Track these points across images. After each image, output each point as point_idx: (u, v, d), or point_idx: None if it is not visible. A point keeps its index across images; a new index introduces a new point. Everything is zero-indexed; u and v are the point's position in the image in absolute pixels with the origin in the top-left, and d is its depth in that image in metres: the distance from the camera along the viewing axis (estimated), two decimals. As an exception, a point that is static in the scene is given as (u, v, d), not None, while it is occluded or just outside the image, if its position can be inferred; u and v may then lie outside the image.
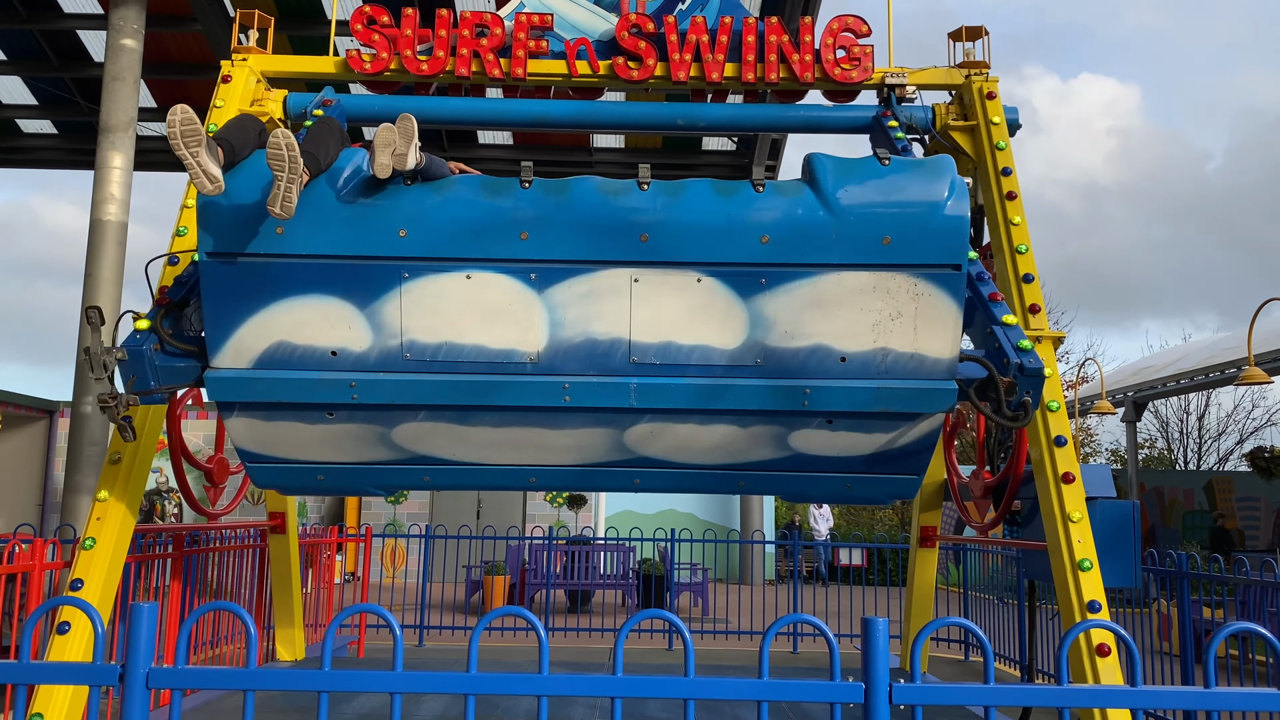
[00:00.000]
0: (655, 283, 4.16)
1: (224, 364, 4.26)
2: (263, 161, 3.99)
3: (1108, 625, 2.63)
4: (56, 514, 12.10)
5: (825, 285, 4.15)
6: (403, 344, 4.22)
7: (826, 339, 4.21)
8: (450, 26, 6.71)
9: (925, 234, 4.09)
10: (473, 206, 4.14)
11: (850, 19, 6.73)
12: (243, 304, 4.16)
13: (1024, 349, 4.38)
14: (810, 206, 4.13)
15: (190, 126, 3.78)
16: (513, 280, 4.15)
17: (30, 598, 5.63)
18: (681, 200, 4.16)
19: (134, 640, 2.32)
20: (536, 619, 2.40)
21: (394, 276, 4.13)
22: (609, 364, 4.24)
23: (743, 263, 4.14)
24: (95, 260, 9.92)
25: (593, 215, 4.13)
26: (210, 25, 12.03)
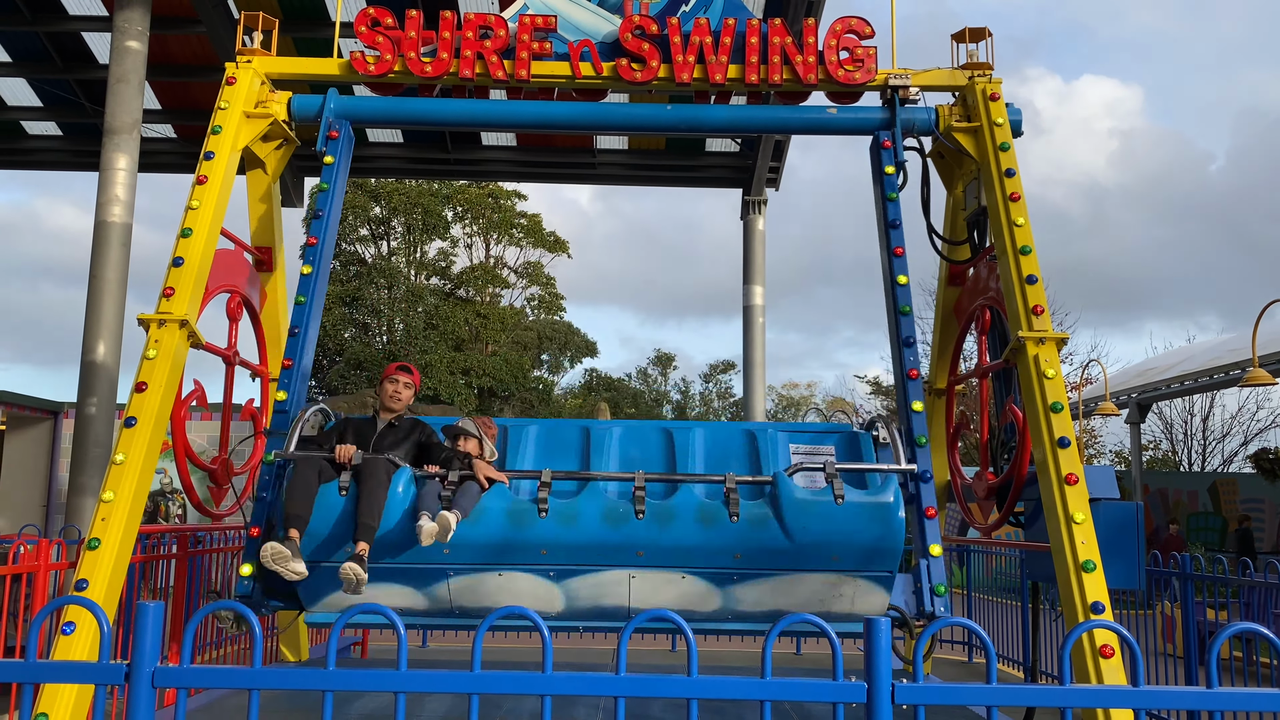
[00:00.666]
0: (649, 578, 5.42)
1: (317, 611, 5.66)
2: (331, 501, 5.24)
3: (1111, 626, 2.63)
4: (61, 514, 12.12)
5: (783, 580, 5.41)
6: (453, 606, 5.60)
7: (782, 605, 5.45)
8: (454, 28, 6.73)
9: (866, 556, 5.30)
10: (501, 536, 5.30)
11: (854, 20, 6.73)
12: (325, 588, 5.40)
13: (939, 594, 5.55)
14: (775, 536, 5.27)
15: (280, 555, 5.02)
16: (536, 576, 5.43)
17: (35, 598, 5.64)
18: (670, 529, 5.29)
19: (139, 639, 2.33)
20: (540, 619, 2.40)
21: (442, 575, 5.46)
22: (614, 615, 5.55)
23: (719, 568, 5.38)
24: (100, 262, 9.94)
25: (598, 540, 5.29)
26: (214, 27, 12.05)
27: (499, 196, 36.22)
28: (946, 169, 7.15)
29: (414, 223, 34.99)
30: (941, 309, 7.66)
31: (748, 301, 15.95)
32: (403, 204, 34.26)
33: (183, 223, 6.05)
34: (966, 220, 7.15)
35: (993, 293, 6.56)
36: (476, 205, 35.88)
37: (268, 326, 7.25)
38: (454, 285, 36.26)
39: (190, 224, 6.03)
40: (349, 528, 5.20)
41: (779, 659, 10.30)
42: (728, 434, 6.11)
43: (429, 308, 33.70)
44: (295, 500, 5.20)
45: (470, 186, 35.31)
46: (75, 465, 9.76)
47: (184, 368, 5.90)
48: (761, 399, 15.86)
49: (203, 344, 6.06)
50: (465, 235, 37.12)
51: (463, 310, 34.37)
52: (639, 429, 6.21)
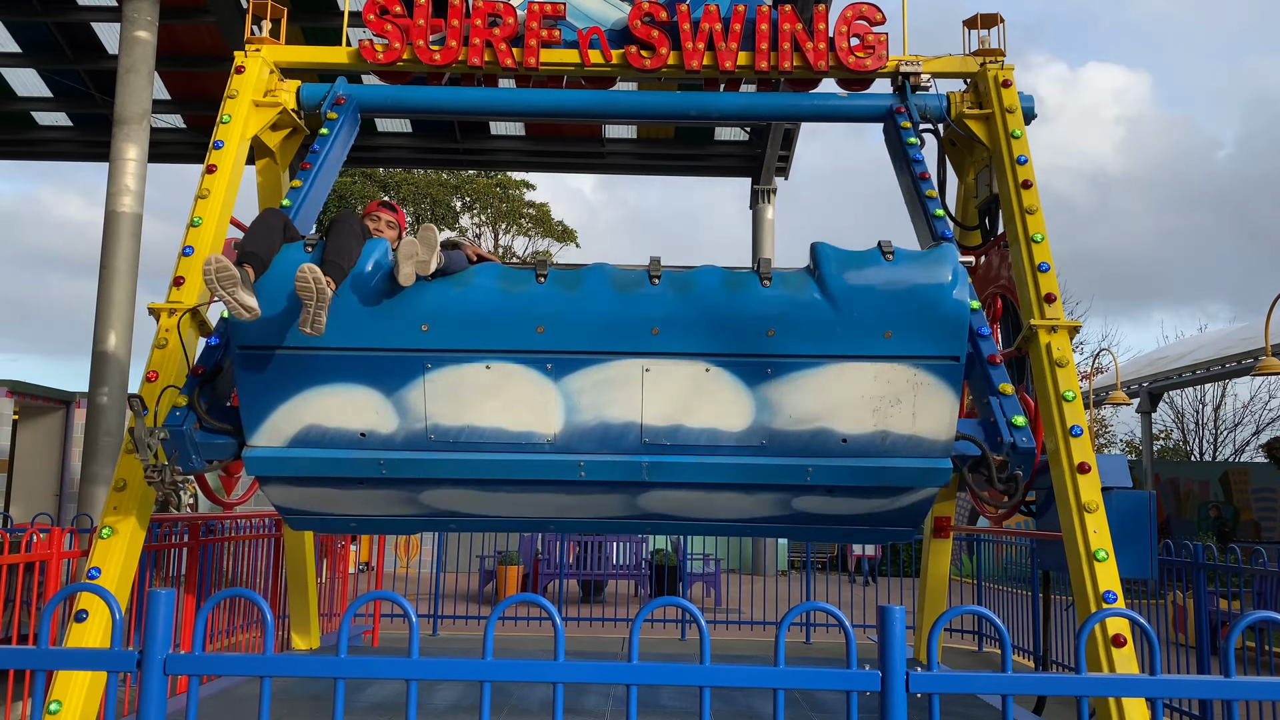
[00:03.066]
0: (666, 372, 4.40)
1: (260, 443, 4.56)
2: (291, 260, 4.25)
3: (1127, 614, 2.62)
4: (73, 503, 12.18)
5: (828, 375, 4.37)
6: (427, 427, 4.48)
7: (829, 423, 4.44)
8: (463, 16, 6.70)
9: (925, 329, 4.30)
10: (491, 302, 4.37)
11: (864, 6, 6.68)
12: (276, 391, 4.44)
13: (1018, 426, 4.64)
14: (815, 303, 4.31)
15: (225, 273, 4.03)
16: (530, 370, 4.41)
17: (48, 586, 5.67)
18: (691, 295, 4.37)
19: (152, 626, 2.33)
20: (552, 606, 2.40)
21: (418, 367, 4.39)
22: (622, 444, 4.49)
23: (749, 354, 4.37)
24: (110, 252, 9.96)
25: (605, 310, 4.36)
26: (223, 17, 12.05)
27: (507, 186, 36.21)
28: (958, 156, 7.11)
29: (422, 213, 34.99)
30: (953, 297, 7.61)
31: (757, 291, 15.90)
32: (411, 194, 34.26)
33: (192, 212, 6.05)
34: (978, 208, 7.11)
35: (1004, 280, 6.52)
36: (485, 195, 35.88)
37: (277, 316, 7.25)
38: (463, 275, 36.29)
39: (200, 213, 6.02)
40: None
41: (791, 649, 10.31)
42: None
43: (438, 298, 33.71)
44: (254, 239, 4.30)
45: (479, 176, 35.31)
46: (87, 454, 9.80)
47: (195, 357, 5.91)
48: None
49: (213, 332, 6.06)
50: (474, 225, 37.13)
51: (472, 300, 34.38)
52: None
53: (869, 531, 5.30)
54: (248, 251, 4.23)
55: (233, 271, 4.03)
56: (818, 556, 19.74)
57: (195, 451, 4.69)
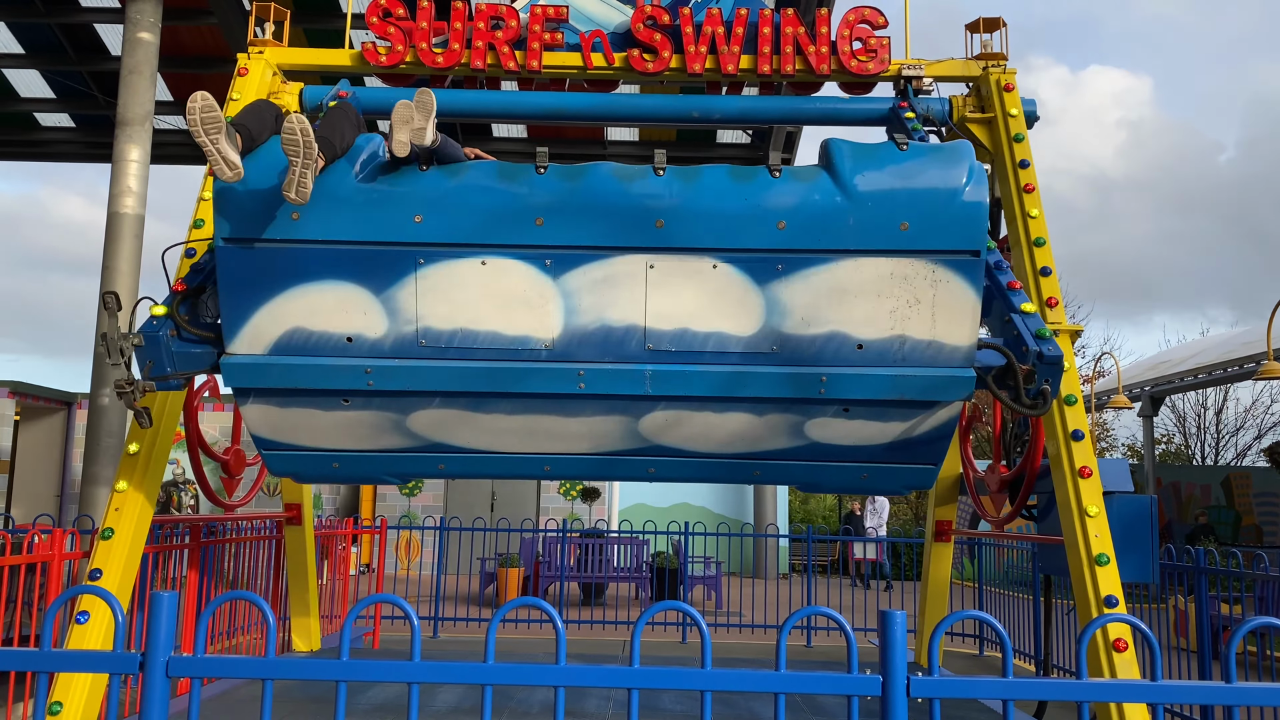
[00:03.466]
0: (671, 269, 4.13)
1: (240, 350, 4.26)
2: (279, 147, 3.98)
3: (1128, 619, 2.61)
4: (75, 504, 12.19)
5: (842, 271, 4.10)
6: (418, 330, 4.21)
7: (843, 326, 4.17)
8: (465, 19, 6.71)
9: (943, 219, 4.04)
10: (488, 192, 4.12)
11: (867, 10, 6.69)
12: (259, 290, 4.16)
13: (1042, 336, 4.32)
14: (827, 192, 4.08)
15: (210, 113, 3.78)
16: (528, 266, 4.13)
17: (50, 587, 5.68)
18: (697, 186, 4.13)
19: (154, 628, 2.34)
20: (554, 610, 2.40)
21: (409, 262, 4.12)
22: (624, 351, 4.22)
23: (759, 249, 4.10)
24: (113, 253, 9.98)
25: (608, 201, 4.11)
26: (226, 18, 12.07)
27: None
28: (960, 160, 7.11)
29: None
30: (954, 301, 7.62)
31: (758, 293, 15.92)
32: (413, 196, 34.29)
33: (195, 213, 6.06)
34: (980, 212, 7.10)
35: (1006, 285, 6.53)
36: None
37: (279, 318, 7.25)
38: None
39: (203, 215, 6.02)
40: None
41: (792, 652, 10.31)
42: None
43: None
44: (245, 114, 4.13)
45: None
46: (89, 455, 9.82)
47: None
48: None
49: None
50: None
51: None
52: None
53: (887, 472, 4.87)
54: (237, 124, 4.03)
55: (219, 116, 3.81)
56: (819, 560, 19.75)
57: (170, 361, 4.32)
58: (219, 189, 4.09)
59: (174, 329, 4.35)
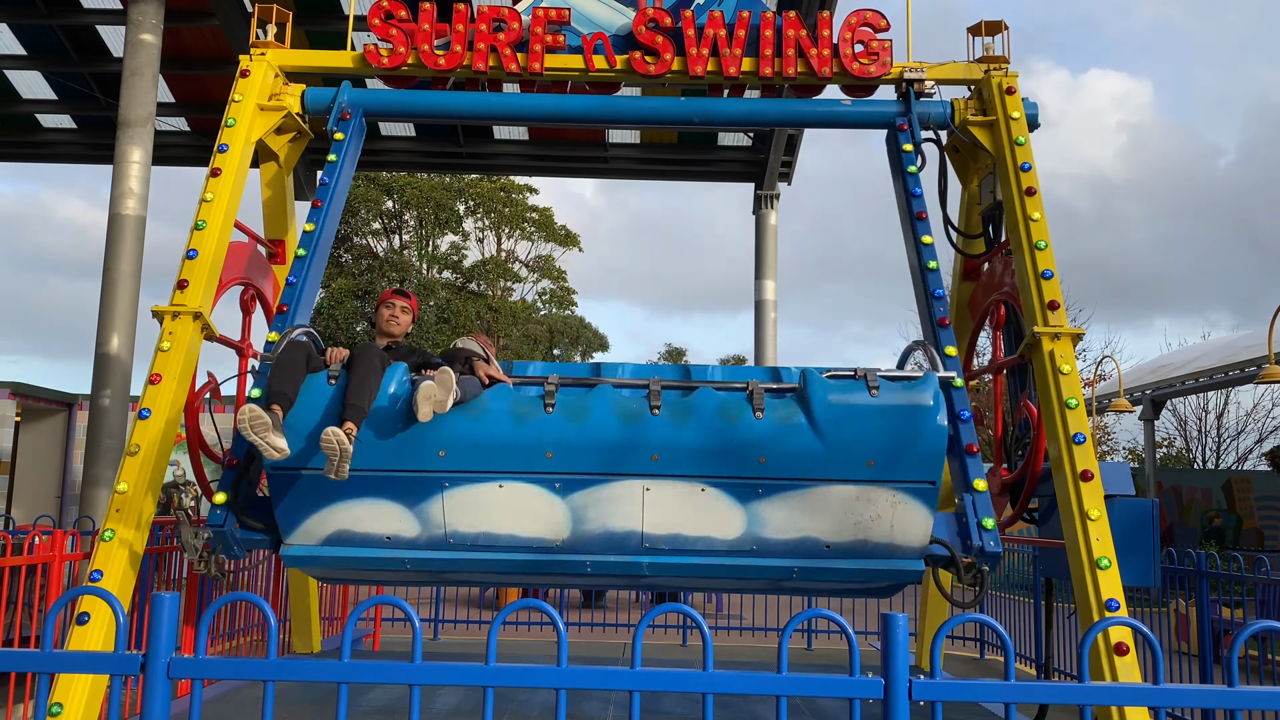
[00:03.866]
0: (665, 490, 4.83)
1: (295, 542, 5.04)
2: (319, 388, 4.69)
3: (1130, 623, 2.61)
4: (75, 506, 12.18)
5: (815, 495, 4.82)
6: (447, 533, 4.96)
7: (814, 533, 4.89)
8: (467, 21, 6.71)
9: (905, 459, 4.73)
10: (503, 431, 4.78)
11: (869, 13, 6.69)
12: (307, 504, 4.89)
13: (987, 529, 5.00)
14: (804, 435, 4.73)
15: (258, 420, 4.45)
16: (540, 489, 4.85)
17: (50, 588, 5.67)
18: (689, 426, 4.76)
19: (155, 630, 2.33)
20: (555, 612, 2.39)
21: (436, 486, 4.86)
22: (625, 547, 4.94)
23: (742, 477, 4.80)
24: (114, 255, 9.97)
25: (609, 439, 4.76)
26: (228, 20, 12.07)
27: (510, 190, 36.24)
28: (962, 163, 7.11)
29: (426, 216, 35.03)
30: (956, 304, 7.62)
31: (759, 296, 15.91)
32: (415, 197, 34.30)
33: (196, 215, 6.06)
34: (981, 214, 7.11)
35: (1008, 288, 6.52)
36: (488, 199, 35.91)
37: (281, 319, 7.25)
38: (466, 279, 36.29)
39: (204, 216, 6.04)
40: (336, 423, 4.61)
41: (793, 655, 10.29)
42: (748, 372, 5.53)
43: (441, 301, 33.74)
44: (280, 378, 4.68)
45: (482, 180, 35.34)
46: (89, 457, 9.81)
47: (198, 360, 5.92)
48: (773, 394, 15.81)
49: (216, 336, 6.07)
50: (477, 229, 37.16)
51: (474, 304, 34.40)
52: (652, 368, 5.73)
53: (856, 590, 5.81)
54: (276, 391, 4.64)
55: (265, 418, 4.46)
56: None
57: (236, 545, 5.16)
58: None
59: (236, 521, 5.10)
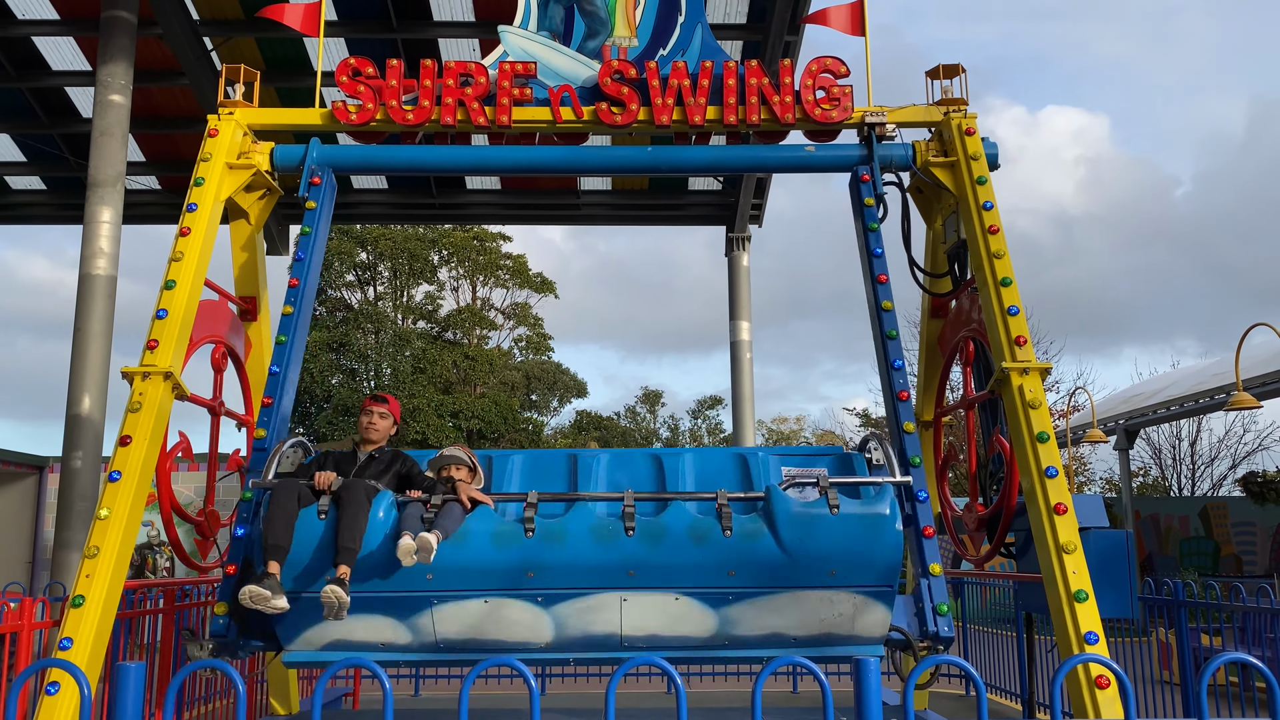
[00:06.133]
0: (641, 600, 5.22)
1: (295, 649, 5.37)
2: (311, 525, 5.06)
3: (1100, 660, 2.63)
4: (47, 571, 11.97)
5: (781, 600, 5.22)
6: (437, 640, 5.32)
7: (781, 629, 5.30)
8: (435, 76, 6.79)
9: (864, 568, 5.14)
10: (486, 557, 5.11)
11: (829, 60, 6.82)
12: (305, 621, 5.19)
13: (942, 614, 5.43)
14: (770, 550, 5.11)
15: (260, 596, 4.87)
16: (523, 603, 5.22)
17: (19, 658, 5.55)
18: (662, 546, 5.11)
19: (120, 703, 2.30)
20: (526, 668, 2.38)
21: (425, 603, 5.23)
22: (606, 645, 5.36)
23: (713, 587, 5.19)
24: (85, 314, 9.91)
25: (587, 560, 5.11)
26: (198, 79, 12.14)
27: (484, 239, 36.36)
28: (925, 203, 7.23)
29: (400, 267, 35.07)
30: (925, 342, 7.71)
31: (734, 337, 15.99)
32: (389, 249, 34.36)
33: (166, 274, 6.06)
34: (947, 253, 7.21)
35: (975, 324, 6.61)
36: (462, 248, 36.00)
37: (253, 376, 7.22)
38: (441, 328, 36.26)
39: (174, 275, 6.03)
40: (329, 554, 5.03)
41: (778, 698, 10.21)
42: (718, 457, 5.96)
43: (416, 351, 33.67)
44: (274, 529, 5.05)
45: (456, 229, 35.45)
46: (61, 520, 9.67)
47: (169, 420, 5.88)
48: (751, 433, 15.85)
49: (188, 395, 6.03)
50: (452, 278, 37.22)
51: (450, 353, 34.35)
52: (627, 456, 6.01)
53: None
54: (272, 545, 5.00)
55: (265, 594, 4.88)
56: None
57: (241, 650, 5.56)
58: None
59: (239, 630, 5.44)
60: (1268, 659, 6.70)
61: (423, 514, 5.12)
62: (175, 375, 5.77)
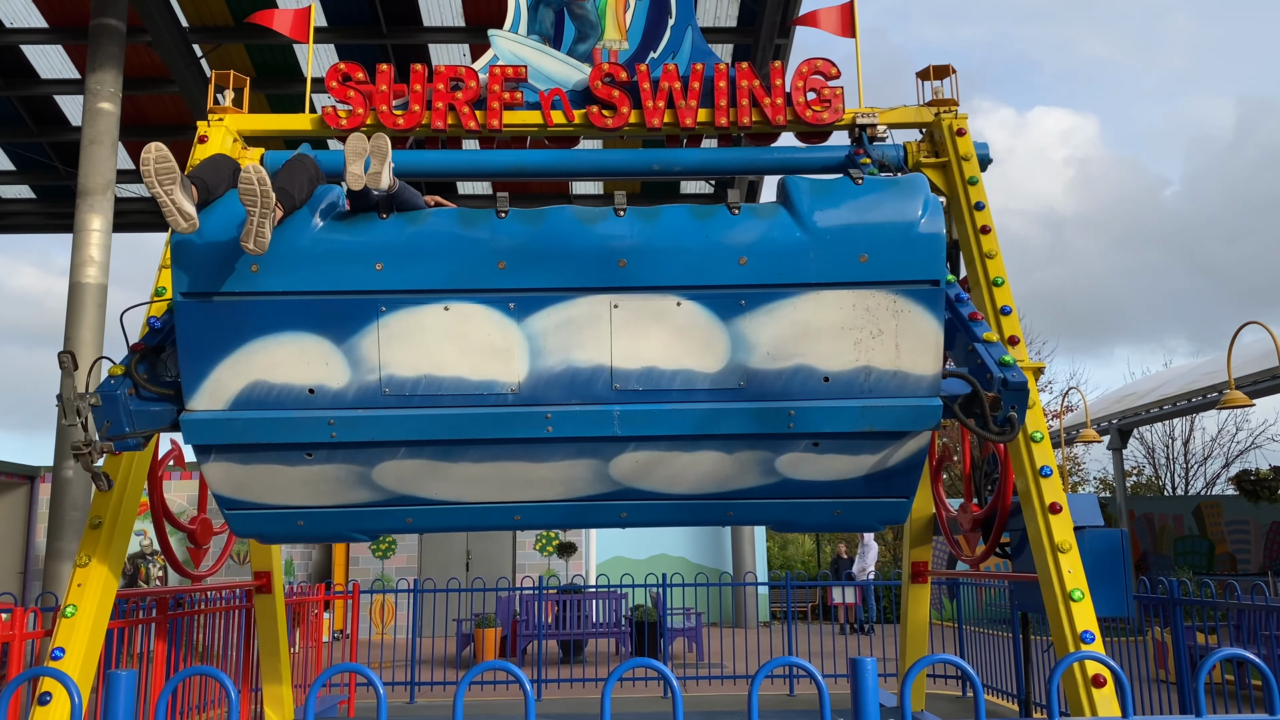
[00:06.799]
0: (635, 308, 4.16)
1: (200, 406, 4.19)
2: (236, 199, 3.97)
3: (1097, 657, 2.62)
4: (39, 581, 11.92)
5: (805, 305, 4.15)
6: (381, 379, 4.17)
7: (809, 359, 4.19)
8: (425, 81, 6.78)
9: (901, 250, 4.11)
10: (449, 238, 4.14)
11: (819, 62, 6.83)
12: (219, 344, 4.12)
13: (1006, 364, 4.38)
14: (786, 227, 4.15)
15: (165, 164, 3.78)
16: (491, 310, 4.13)
17: (10, 669, 5.52)
18: (658, 225, 4.19)
19: (111, 711, 2.28)
20: (521, 672, 2.37)
21: (371, 310, 4.11)
22: (591, 392, 4.21)
23: (721, 285, 4.15)
24: (75, 323, 9.87)
25: (570, 243, 4.14)
26: (187, 86, 12.11)
27: (477, 245, 36.34)
28: (917, 204, 7.23)
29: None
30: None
31: (728, 341, 15.99)
32: (381, 255, 34.29)
33: (156, 282, 6.03)
34: (939, 254, 7.21)
35: (968, 325, 6.61)
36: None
37: (245, 383, 7.19)
38: (434, 334, 36.21)
39: (164, 283, 6.00)
40: None
41: (774, 701, 10.20)
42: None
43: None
44: (202, 168, 4.14)
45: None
46: (52, 530, 9.62)
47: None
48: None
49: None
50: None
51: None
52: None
53: (860, 506, 4.85)
54: (194, 177, 4.02)
55: (174, 168, 3.81)
56: (798, 606, 19.62)
57: (129, 420, 4.29)
58: (176, 242, 4.06)
59: (132, 388, 4.31)
60: (1263, 656, 6.72)
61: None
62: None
